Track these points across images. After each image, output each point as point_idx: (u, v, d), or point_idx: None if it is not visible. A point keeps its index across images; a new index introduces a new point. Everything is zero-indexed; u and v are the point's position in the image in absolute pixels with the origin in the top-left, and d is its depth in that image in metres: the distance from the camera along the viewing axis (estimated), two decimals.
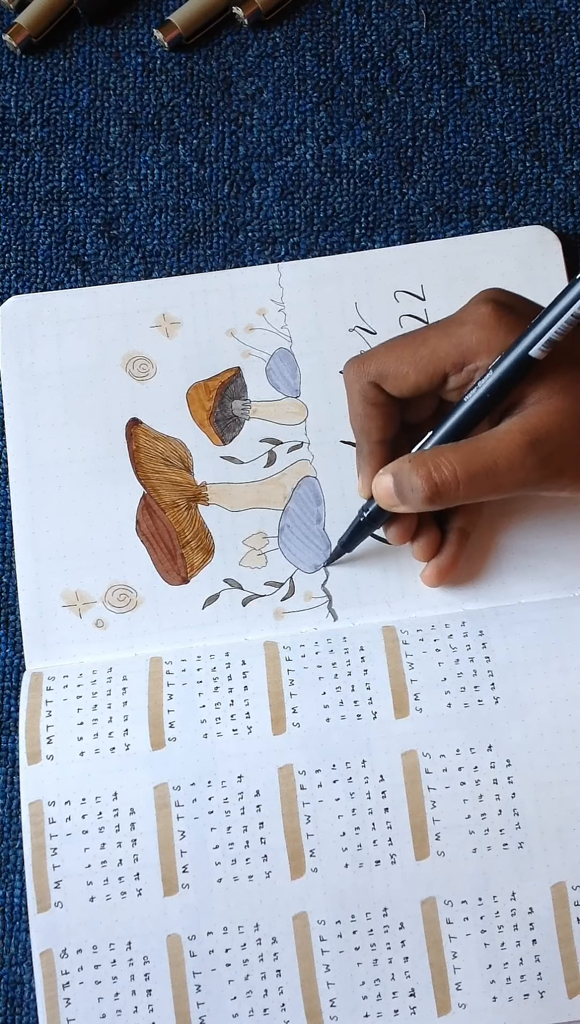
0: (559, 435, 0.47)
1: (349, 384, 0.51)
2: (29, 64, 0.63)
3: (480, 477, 0.47)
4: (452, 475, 0.47)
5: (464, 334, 0.48)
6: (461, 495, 0.48)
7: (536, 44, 0.63)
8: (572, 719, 0.50)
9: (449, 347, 0.49)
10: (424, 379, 0.49)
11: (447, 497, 0.48)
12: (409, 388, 0.50)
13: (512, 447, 0.47)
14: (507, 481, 0.47)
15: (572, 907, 0.48)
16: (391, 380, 0.50)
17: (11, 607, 0.55)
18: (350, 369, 0.51)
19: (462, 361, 0.49)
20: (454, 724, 0.50)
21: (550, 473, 0.47)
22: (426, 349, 0.49)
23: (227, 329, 0.57)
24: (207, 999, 0.48)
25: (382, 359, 0.50)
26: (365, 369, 0.50)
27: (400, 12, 0.63)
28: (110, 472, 0.55)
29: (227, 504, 0.55)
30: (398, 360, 0.50)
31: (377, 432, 0.51)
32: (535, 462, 0.47)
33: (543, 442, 0.47)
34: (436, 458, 0.48)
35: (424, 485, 0.47)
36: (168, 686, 0.51)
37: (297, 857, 0.49)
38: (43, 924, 0.48)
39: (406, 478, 0.48)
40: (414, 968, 0.48)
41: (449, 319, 0.50)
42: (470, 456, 0.47)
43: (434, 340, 0.49)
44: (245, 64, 0.62)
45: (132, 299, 0.58)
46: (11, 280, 0.59)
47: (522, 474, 0.47)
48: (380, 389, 0.50)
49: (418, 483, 0.48)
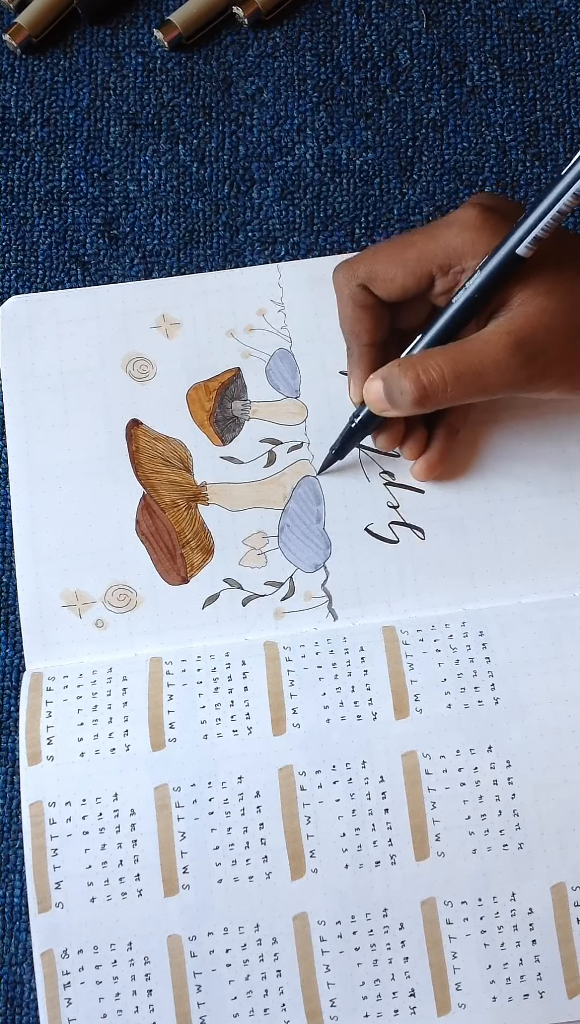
0: (544, 335, 0.48)
1: (338, 287, 0.52)
2: (29, 64, 0.63)
3: (467, 378, 0.48)
4: (440, 377, 0.48)
5: (450, 236, 0.49)
6: (449, 397, 0.48)
7: (536, 44, 0.63)
8: (572, 719, 0.50)
9: (436, 248, 0.49)
10: (411, 281, 0.50)
11: (435, 399, 0.49)
12: (397, 290, 0.51)
13: (498, 348, 0.48)
14: (494, 382, 0.48)
15: (572, 907, 0.48)
16: (379, 282, 0.51)
17: (11, 607, 0.55)
18: (339, 272, 0.52)
19: (448, 263, 0.49)
20: (454, 725, 0.50)
21: (536, 373, 0.48)
22: (413, 251, 0.50)
23: (227, 329, 0.57)
24: (207, 999, 0.48)
25: (370, 261, 0.51)
26: (354, 272, 0.51)
27: (400, 12, 0.63)
28: (110, 472, 0.55)
29: (227, 504, 0.55)
30: (386, 262, 0.50)
31: (366, 335, 0.52)
32: (521, 362, 0.48)
33: (528, 342, 0.48)
34: (424, 361, 0.49)
35: (413, 388, 0.48)
36: (168, 686, 0.51)
37: (297, 858, 0.49)
38: (44, 924, 0.48)
39: (395, 382, 0.49)
40: (414, 968, 0.48)
41: (436, 222, 0.51)
42: (457, 358, 0.48)
43: (421, 242, 0.50)
44: (245, 64, 0.62)
45: (132, 299, 0.58)
46: (11, 280, 0.59)
47: (509, 374, 0.48)
48: (369, 291, 0.51)
49: (407, 386, 0.49)
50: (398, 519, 0.55)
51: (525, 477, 0.55)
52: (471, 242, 0.49)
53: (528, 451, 0.55)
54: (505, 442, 0.56)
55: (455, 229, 0.49)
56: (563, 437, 0.56)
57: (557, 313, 0.48)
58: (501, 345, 0.48)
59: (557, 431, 0.56)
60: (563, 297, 0.48)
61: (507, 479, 0.55)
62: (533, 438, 0.56)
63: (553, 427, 0.56)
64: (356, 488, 0.55)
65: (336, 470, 0.55)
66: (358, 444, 0.55)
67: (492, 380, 0.48)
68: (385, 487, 0.55)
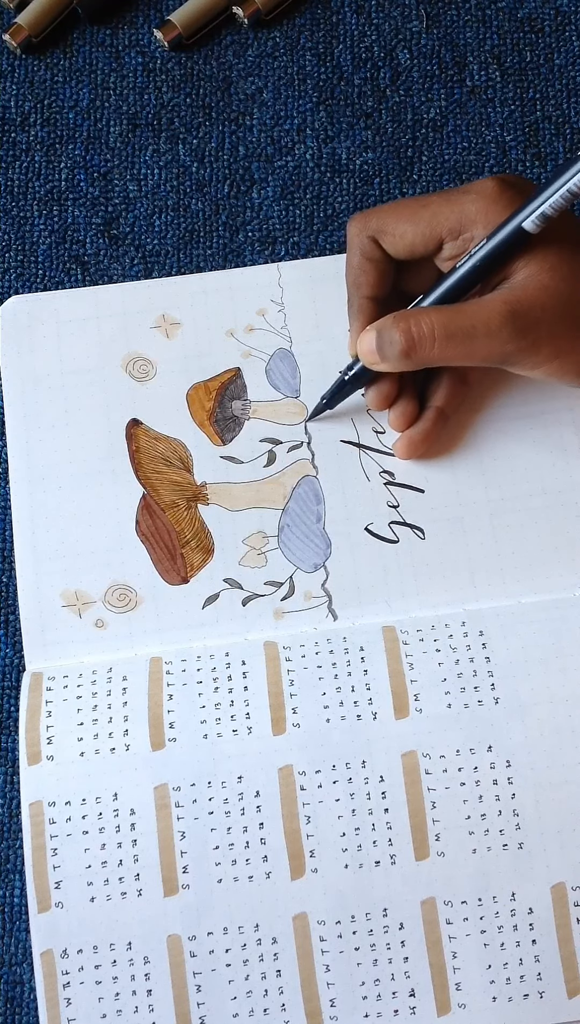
0: (539, 311, 0.48)
1: (350, 238, 0.53)
2: (29, 64, 0.63)
3: (457, 338, 0.49)
4: (430, 331, 0.49)
5: (465, 203, 0.50)
6: (435, 353, 0.49)
7: (536, 44, 0.63)
8: (572, 719, 0.50)
9: (449, 213, 0.50)
10: (420, 241, 0.51)
11: (422, 352, 0.49)
12: (405, 247, 0.51)
13: (492, 314, 0.48)
14: (482, 347, 0.49)
15: (572, 907, 0.48)
16: (389, 237, 0.52)
17: (11, 607, 0.55)
18: (353, 223, 0.53)
19: (459, 228, 0.50)
20: (454, 724, 0.50)
21: (525, 346, 0.49)
22: (427, 212, 0.51)
23: (227, 329, 0.57)
24: (207, 999, 0.48)
25: (384, 216, 0.52)
26: (366, 223, 0.52)
27: (400, 12, 0.63)
28: (110, 472, 0.55)
29: (227, 504, 0.55)
30: (399, 218, 0.51)
31: (368, 287, 0.53)
32: (511, 332, 0.48)
33: (523, 314, 0.48)
34: (417, 315, 0.50)
35: (402, 338, 0.49)
36: (168, 686, 0.51)
37: (297, 858, 0.49)
38: (43, 924, 0.48)
39: (387, 333, 0.50)
40: (414, 968, 0.48)
41: (455, 189, 0.52)
42: (450, 317, 0.49)
43: (436, 205, 0.51)
44: (245, 64, 0.62)
45: (132, 299, 0.58)
46: (11, 280, 0.60)
47: (497, 343, 0.48)
48: (377, 245, 0.52)
49: (396, 336, 0.49)
50: (398, 519, 0.55)
51: (525, 477, 0.55)
52: (484, 211, 0.49)
53: (528, 451, 0.55)
54: (505, 442, 0.56)
55: (471, 196, 0.50)
56: (563, 437, 0.56)
57: (556, 293, 0.48)
58: (495, 312, 0.48)
59: (558, 431, 0.56)
60: (564, 279, 0.49)
61: (507, 479, 0.55)
62: (534, 438, 0.56)
63: (553, 427, 0.56)
64: (356, 488, 0.55)
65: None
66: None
67: (480, 345, 0.49)
68: (385, 487, 0.55)
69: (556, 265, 0.49)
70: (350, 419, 0.56)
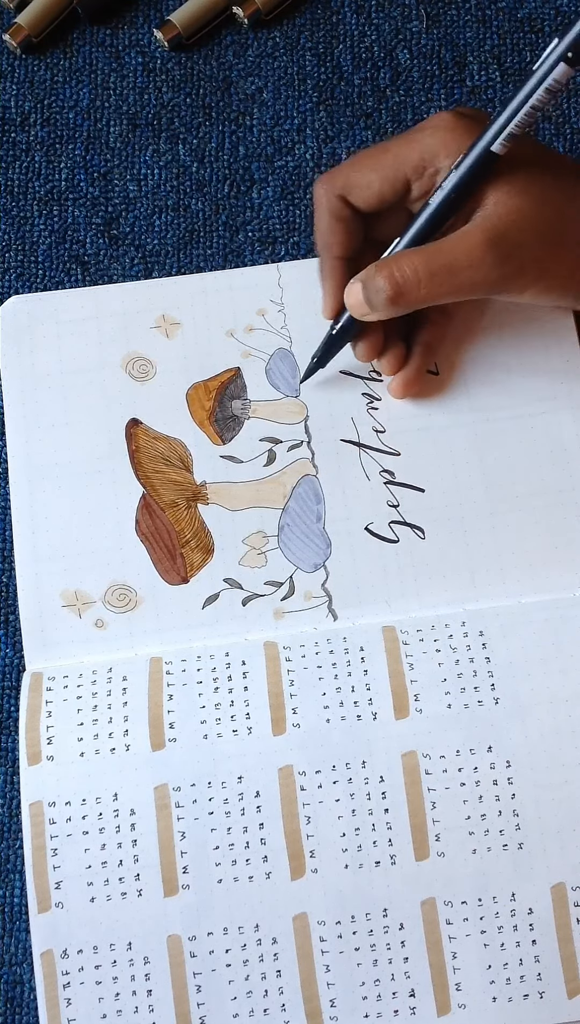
0: (517, 234, 0.49)
1: (317, 199, 0.53)
2: (29, 64, 0.63)
3: (441, 275, 0.49)
4: (414, 273, 0.49)
5: (425, 138, 0.50)
6: (423, 294, 0.49)
7: (536, 44, 0.63)
8: (572, 720, 0.50)
9: (410, 152, 0.51)
10: (388, 187, 0.51)
11: (409, 296, 0.49)
12: (374, 197, 0.52)
13: (472, 245, 0.48)
14: (467, 279, 0.49)
15: (572, 907, 0.48)
16: (356, 190, 0.52)
17: (11, 607, 0.55)
18: (319, 184, 0.53)
19: (423, 164, 0.50)
20: (454, 725, 0.50)
21: (509, 272, 0.49)
22: (389, 156, 0.51)
23: (227, 329, 0.57)
24: (207, 999, 0.48)
25: (348, 171, 0.52)
26: (333, 183, 0.52)
27: (400, 12, 0.63)
28: (110, 472, 0.55)
29: (227, 503, 0.55)
30: (363, 169, 0.52)
31: (338, 248, 0.53)
32: (494, 260, 0.48)
33: (502, 240, 0.48)
34: (398, 260, 0.50)
35: (387, 285, 0.49)
36: (168, 686, 0.51)
37: (297, 858, 0.49)
38: (43, 924, 0.48)
39: (371, 282, 0.50)
40: (414, 968, 0.48)
41: (411, 129, 0.52)
42: (431, 256, 0.49)
43: (396, 147, 0.51)
44: (245, 64, 0.62)
45: (132, 299, 0.58)
46: (11, 280, 0.60)
47: (482, 272, 0.49)
48: (346, 203, 0.52)
49: (382, 283, 0.50)
50: (398, 518, 0.55)
51: (525, 477, 0.55)
52: (445, 142, 0.50)
53: (528, 451, 0.55)
54: (505, 442, 0.56)
55: (429, 131, 0.50)
56: (563, 437, 0.56)
57: (531, 212, 0.49)
58: (475, 243, 0.48)
59: (558, 431, 0.56)
60: (536, 197, 0.49)
61: (507, 479, 0.55)
62: (534, 438, 0.56)
63: (554, 426, 0.56)
64: (356, 487, 0.55)
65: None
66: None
67: (466, 277, 0.49)
68: (385, 486, 0.55)
69: (525, 187, 0.49)
70: (350, 418, 0.56)
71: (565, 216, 0.49)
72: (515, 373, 0.56)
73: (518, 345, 0.57)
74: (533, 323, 0.57)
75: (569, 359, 0.57)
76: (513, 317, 0.57)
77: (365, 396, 0.56)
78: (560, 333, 0.57)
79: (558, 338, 0.57)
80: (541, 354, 0.57)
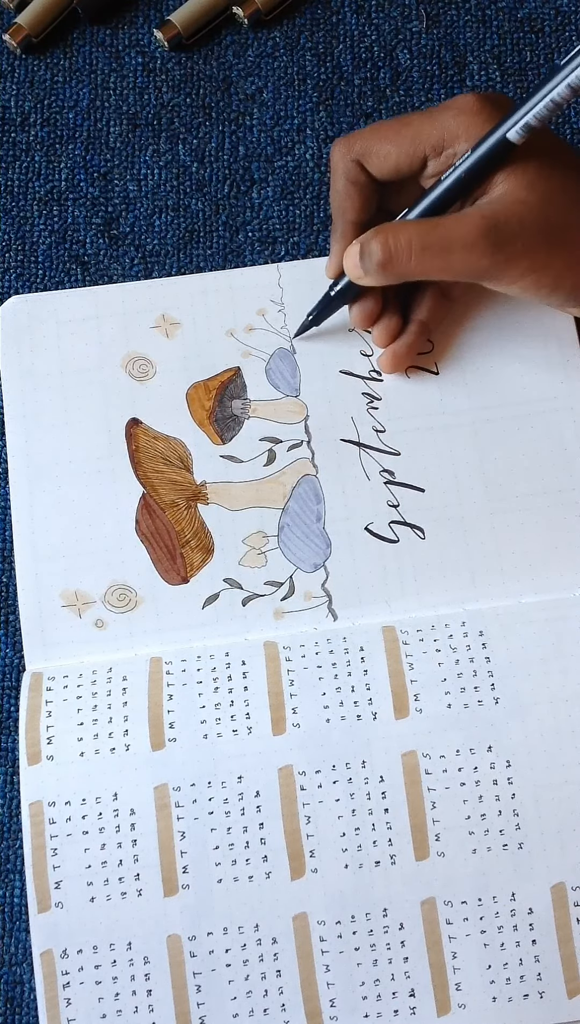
0: (517, 226, 0.49)
1: (334, 163, 0.53)
2: (29, 64, 0.63)
3: (433, 250, 0.49)
4: (407, 243, 0.49)
5: (447, 118, 0.51)
6: (412, 266, 0.50)
7: (536, 44, 0.63)
8: (572, 719, 0.50)
9: (431, 129, 0.51)
10: (405, 159, 0.51)
11: (399, 265, 0.50)
12: (390, 168, 0.52)
13: (469, 226, 0.49)
14: (458, 260, 0.49)
15: (572, 907, 0.48)
16: (374, 158, 0.52)
17: (11, 607, 0.55)
18: (337, 147, 0.53)
19: (442, 144, 0.51)
20: (454, 724, 0.50)
21: (501, 260, 0.49)
22: (410, 130, 0.51)
23: (227, 329, 0.57)
24: (207, 999, 0.48)
25: (367, 138, 0.52)
26: (350, 147, 0.53)
27: (400, 12, 0.63)
28: (110, 472, 0.55)
29: (227, 503, 0.55)
30: (382, 139, 0.52)
31: (352, 212, 0.53)
32: (488, 246, 0.48)
33: (500, 228, 0.49)
34: (396, 227, 0.50)
35: (379, 249, 0.50)
36: (168, 686, 0.51)
37: (297, 858, 0.49)
38: (43, 924, 0.48)
39: (367, 245, 0.51)
40: (414, 968, 0.48)
41: (436, 106, 0.52)
42: (427, 229, 0.49)
43: (418, 122, 0.51)
44: (245, 64, 0.62)
45: (132, 299, 0.58)
46: (11, 280, 0.59)
47: (474, 256, 0.49)
48: (362, 168, 0.53)
49: (375, 248, 0.50)
50: (398, 518, 0.55)
51: (525, 477, 0.55)
52: (466, 125, 0.50)
53: (528, 450, 0.55)
54: (505, 442, 0.56)
55: (452, 112, 0.51)
56: (564, 437, 0.56)
57: (534, 208, 0.49)
58: (472, 225, 0.49)
59: (558, 431, 0.56)
60: (543, 195, 0.49)
61: (507, 479, 0.55)
62: (533, 438, 0.56)
63: (554, 427, 0.56)
64: (356, 487, 0.55)
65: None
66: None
67: (457, 258, 0.49)
68: (385, 486, 0.55)
69: (535, 181, 0.49)
70: (350, 418, 0.56)
71: (568, 216, 0.49)
72: (515, 373, 0.56)
73: (519, 345, 0.57)
74: (534, 323, 0.57)
75: (569, 359, 0.57)
76: (514, 317, 0.57)
77: (365, 396, 0.56)
78: (560, 333, 0.57)
79: (558, 338, 0.57)
80: (541, 354, 0.57)
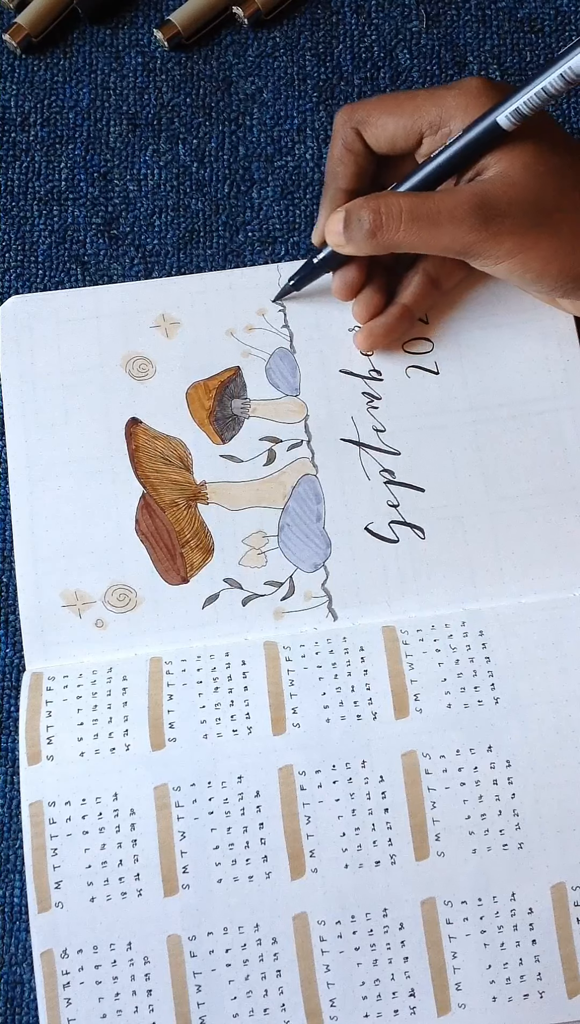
0: (507, 205, 0.49)
1: (335, 128, 0.54)
2: (29, 64, 0.63)
3: (422, 221, 0.49)
4: (397, 213, 0.50)
5: (449, 98, 0.51)
6: (401, 235, 0.50)
7: (536, 44, 0.63)
8: (572, 719, 0.50)
9: (431, 106, 0.51)
10: (401, 133, 0.52)
11: (388, 234, 0.50)
12: (386, 140, 0.53)
13: (459, 202, 0.49)
14: (446, 233, 0.49)
15: (572, 907, 0.48)
16: (371, 128, 0.53)
17: (11, 607, 0.55)
18: (340, 113, 0.54)
19: (439, 123, 0.51)
20: (454, 724, 0.50)
21: (487, 237, 0.49)
22: (411, 105, 0.52)
23: (227, 329, 0.57)
24: (207, 999, 0.48)
25: (370, 108, 0.53)
26: (353, 114, 0.53)
27: (400, 12, 0.63)
28: (110, 472, 0.55)
29: (227, 503, 0.55)
30: (383, 110, 0.53)
31: (344, 179, 0.54)
32: (476, 222, 0.49)
33: (490, 206, 0.49)
34: (387, 196, 0.51)
35: (369, 217, 0.50)
36: (168, 686, 0.51)
37: (297, 858, 0.49)
38: (43, 924, 0.48)
39: (356, 212, 0.51)
40: (414, 968, 0.48)
41: (443, 85, 0.53)
42: (418, 202, 0.50)
43: (421, 99, 0.52)
44: (245, 64, 0.62)
45: (132, 299, 0.58)
46: (11, 280, 0.59)
47: (461, 231, 0.49)
48: (359, 137, 0.53)
49: (365, 215, 0.50)
50: (398, 518, 0.55)
51: (525, 476, 0.55)
52: (464, 106, 0.51)
53: (528, 450, 0.55)
54: (505, 442, 0.56)
55: (454, 92, 0.51)
56: (564, 438, 0.56)
57: (525, 189, 0.49)
58: (462, 200, 0.49)
59: (558, 432, 0.56)
60: (535, 177, 0.50)
61: (507, 479, 0.55)
62: (534, 437, 0.56)
63: (554, 425, 0.56)
64: (356, 487, 0.55)
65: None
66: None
67: (444, 232, 0.49)
68: (385, 486, 0.55)
69: (529, 163, 0.50)
70: (350, 417, 0.56)
71: (561, 201, 0.50)
72: (515, 373, 0.56)
73: (519, 345, 0.57)
74: (534, 323, 0.57)
75: (569, 359, 0.57)
76: (514, 316, 0.57)
77: (365, 395, 0.56)
78: (560, 333, 0.57)
79: (558, 338, 0.57)
80: (541, 354, 0.57)
